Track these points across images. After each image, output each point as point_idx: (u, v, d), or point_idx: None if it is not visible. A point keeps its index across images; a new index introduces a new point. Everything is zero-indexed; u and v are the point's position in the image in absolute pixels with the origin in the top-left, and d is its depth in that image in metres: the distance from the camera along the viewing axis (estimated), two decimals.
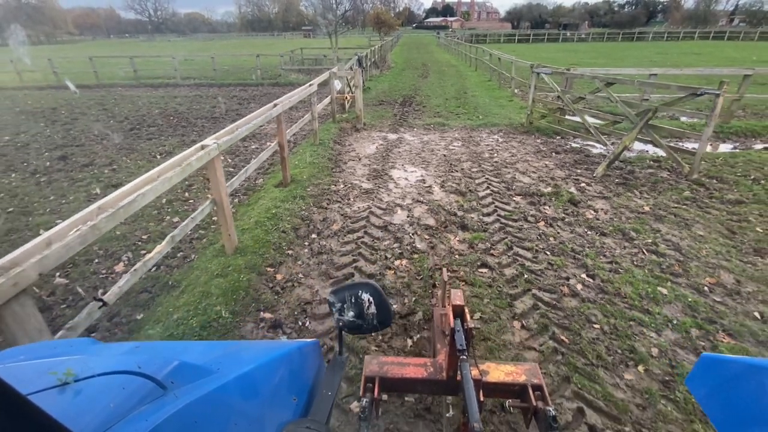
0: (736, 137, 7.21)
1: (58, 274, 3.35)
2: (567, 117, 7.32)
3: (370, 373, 1.24)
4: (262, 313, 2.86)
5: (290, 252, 3.64)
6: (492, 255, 3.54)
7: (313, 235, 3.93)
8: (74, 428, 0.36)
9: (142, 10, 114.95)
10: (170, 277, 3.33)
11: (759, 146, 6.71)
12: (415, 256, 3.54)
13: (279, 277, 3.29)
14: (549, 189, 4.91)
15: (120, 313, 2.92)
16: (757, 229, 3.89)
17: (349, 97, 9.11)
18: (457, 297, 1.19)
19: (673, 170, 5.42)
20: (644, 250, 3.56)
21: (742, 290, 3.02)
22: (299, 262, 3.49)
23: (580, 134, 6.82)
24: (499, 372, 1.22)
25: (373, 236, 3.90)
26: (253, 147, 7.10)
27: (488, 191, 4.90)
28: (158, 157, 6.56)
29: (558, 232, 3.91)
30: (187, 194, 5.10)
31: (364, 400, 1.10)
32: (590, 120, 6.45)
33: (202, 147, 2.91)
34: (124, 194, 2.13)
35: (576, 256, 3.50)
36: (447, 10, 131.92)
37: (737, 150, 6.52)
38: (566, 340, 2.56)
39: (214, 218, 4.23)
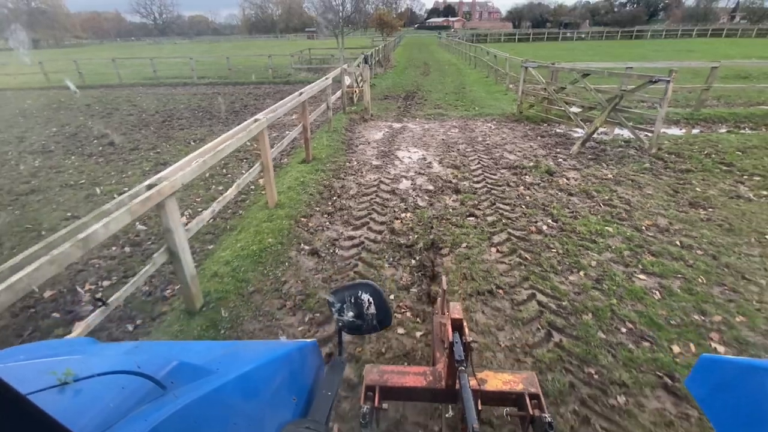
0: (704, 123, 8.06)
1: (138, 223, 4.29)
2: (554, 107, 8.20)
3: (371, 382, 1.25)
4: (302, 244, 3.79)
5: (317, 208, 4.57)
6: (478, 209, 4.44)
7: (335, 197, 4.85)
8: (74, 428, 0.36)
9: (148, 14, 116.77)
10: (227, 224, 4.27)
11: (723, 130, 7.57)
12: (417, 210, 4.45)
13: (311, 224, 4.22)
14: (531, 164, 5.80)
15: (194, 246, 3.86)
16: (697, 189, 4.78)
17: (357, 91, 10.04)
18: (456, 310, 1.19)
19: (640, 148, 6.30)
20: (600, 204, 4.46)
21: (671, 228, 3.91)
22: (325, 215, 4.41)
23: (565, 121, 7.70)
24: (497, 381, 1.23)
25: (383, 198, 4.81)
26: (274, 135, 8.05)
27: (479, 166, 5.80)
28: (192, 143, 7.51)
29: (534, 193, 4.81)
30: (224, 170, 6.04)
31: (365, 407, 1.10)
32: (570, 107, 7.34)
33: (255, 120, 3.84)
34: (212, 147, 3.06)
35: (545, 208, 4.40)
36: (448, 11, 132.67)
37: (702, 132, 7.38)
38: (529, 258, 3.46)
39: (251, 189, 5.17)
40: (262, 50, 25.06)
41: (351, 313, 1.09)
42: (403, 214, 4.38)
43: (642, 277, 3.18)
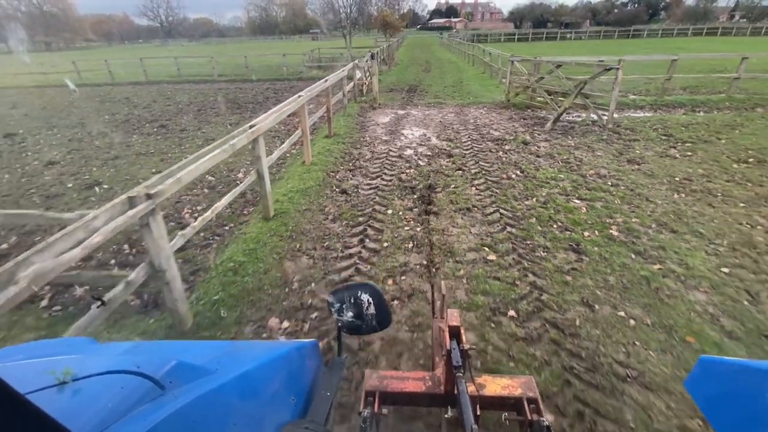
0: (666, 108, 9.37)
1: (208, 175, 5.67)
2: (537, 95, 9.54)
3: (371, 388, 1.26)
4: (334, 187, 5.16)
5: (342, 167, 5.94)
6: (465, 166, 5.80)
7: (354, 160, 6.23)
8: (72, 427, 0.36)
9: (155, 17, 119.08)
10: (276, 176, 5.66)
11: (681, 113, 8.87)
12: (419, 168, 5.81)
13: (338, 176, 5.59)
14: (511, 137, 7.16)
15: (253, 188, 5.23)
16: (636, 151, 6.12)
17: (366, 83, 11.43)
18: (454, 317, 1.20)
19: (603, 126, 7.63)
20: (559, 162, 5.81)
21: (608, 175, 5.26)
22: (348, 171, 5.78)
23: (545, 107, 9.04)
24: (495, 386, 1.24)
25: (392, 160, 6.18)
26: (296, 121, 9.42)
27: (468, 139, 7.16)
28: (229, 126, 8.90)
29: (509, 156, 6.16)
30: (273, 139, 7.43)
31: (365, 411, 1.11)
32: (547, 94, 8.70)
33: (299, 96, 5.22)
34: (277, 109, 4.44)
35: (516, 165, 5.75)
36: (450, 12, 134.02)
37: (660, 114, 8.71)
38: (498, 192, 4.82)
39: (287, 156, 6.55)
40: (272, 50, 26.61)
41: (350, 314, 1.10)
42: (407, 170, 5.74)
43: (576, 201, 4.54)
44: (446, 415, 1.12)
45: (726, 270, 3.19)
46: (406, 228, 4.04)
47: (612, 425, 1.99)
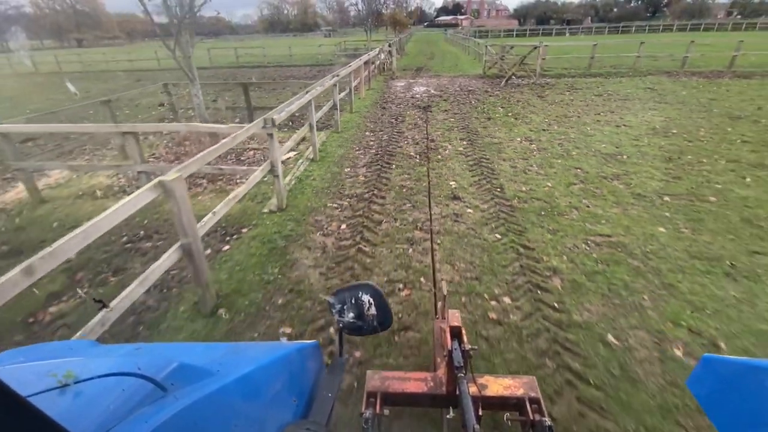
0: (590, 76, 13.95)
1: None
2: (507, 70, 14.17)
3: (372, 389, 1.26)
4: (378, 106, 9.93)
5: (376, 108, 10.70)
6: (448, 100, 10.51)
7: (384, 102, 10.98)
8: (74, 430, 0.37)
9: (173, 16, 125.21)
10: (346, 103, 10.45)
11: (592, 78, 13.45)
12: (422, 102, 10.53)
13: (379, 102, 10.36)
14: (478, 90, 11.87)
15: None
16: (547, 94, 10.80)
17: (387, 63, 16.19)
18: (455, 318, 1.22)
19: (536, 84, 12.26)
20: (502, 99, 10.52)
21: (522, 100, 9.96)
22: (384, 101, 10.54)
23: (506, 75, 13.69)
24: (497, 386, 1.24)
25: (407, 98, 10.91)
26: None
27: (452, 91, 11.87)
28: (297, 90, 13.70)
29: (475, 96, 10.86)
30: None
31: (367, 412, 1.12)
32: (505, 66, 13.42)
33: (349, 65, 9.99)
34: (324, 84, 9.21)
35: (477, 99, 10.46)
36: (457, 9, 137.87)
37: (579, 79, 13.34)
38: (462, 108, 9.56)
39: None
40: (299, 45, 31.53)
41: (351, 314, 1.12)
42: (416, 101, 10.49)
43: (500, 108, 9.25)
44: (448, 416, 1.14)
45: (546, 119, 7.90)
46: (416, 118, 8.81)
47: (482, 142, 6.73)
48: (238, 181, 5.18)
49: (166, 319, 2.79)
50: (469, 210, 4.22)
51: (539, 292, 2.91)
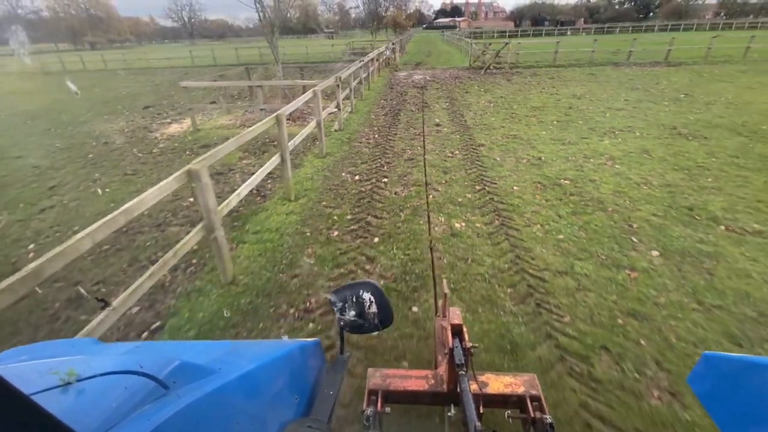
0: (553, 67, 17.39)
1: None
2: (486, 62, 17.61)
3: (374, 386, 1.28)
4: (387, 89, 13.39)
5: (384, 91, 14.16)
6: (439, 84, 13.97)
7: (391, 87, 14.44)
8: (77, 428, 0.37)
9: (178, 19, 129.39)
10: (361, 89, 13.93)
11: (554, 67, 16.91)
12: (420, 84, 13.98)
13: (387, 86, 13.82)
14: (464, 77, 15.33)
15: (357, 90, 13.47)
16: (515, 78, 14.28)
17: (391, 59, 19.68)
18: (456, 316, 1.21)
19: (507, 72, 15.70)
20: (480, 85, 13.99)
21: (498, 85, 13.42)
22: (392, 84, 13.99)
23: (491, 69, 17.14)
24: (498, 383, 1.25)
25: (408, 83, 14.38)
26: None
27: (443, 78, 15.34)
28: (322, 76, 17.16)
29: (459, 82, 14.32)
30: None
31: (369, 410, 1.13)
32: (485, 59, 16.92)
33: (361, 60, 13.46)
34: (337, 72, 12.66)
35: (461, 84, 13.92)
36: (455, 11, 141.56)
37: (543, 68, 16.78)
38: (448, 88, 13.03)
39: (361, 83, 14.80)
40: (306, 47, 35.08)
41: (352, 312, 1.12)
42: (415, 83, 13.93)
43: (476, 87, 12.71)
44: (449, 414, 1.15)
45: (506, 92, 11.35)
46: (416, 93, 12.26)
47: (458, 103, 10.19)
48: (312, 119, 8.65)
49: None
50: (445, 129, 7.68)
51: (473, 148, 6.35)
